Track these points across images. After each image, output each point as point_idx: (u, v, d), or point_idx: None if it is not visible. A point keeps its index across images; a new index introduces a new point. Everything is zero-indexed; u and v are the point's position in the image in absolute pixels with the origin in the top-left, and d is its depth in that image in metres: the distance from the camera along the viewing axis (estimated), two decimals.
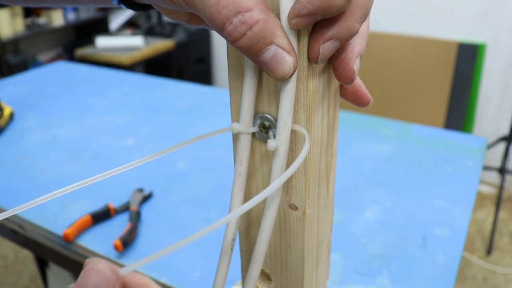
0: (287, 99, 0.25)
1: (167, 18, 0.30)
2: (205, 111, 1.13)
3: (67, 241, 0.67)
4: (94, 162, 0.90)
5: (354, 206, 0.73)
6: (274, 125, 0.27)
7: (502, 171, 1.85)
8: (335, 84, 0.30)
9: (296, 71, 0.24)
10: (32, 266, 1.73)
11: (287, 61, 0.23)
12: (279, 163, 0.27)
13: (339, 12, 0.22)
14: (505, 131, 2.10)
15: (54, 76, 1.41)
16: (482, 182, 2.25)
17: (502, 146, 2.08)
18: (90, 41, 2.72)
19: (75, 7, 2.73)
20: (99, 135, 1.01)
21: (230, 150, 0.38)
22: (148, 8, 0.31)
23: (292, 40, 0.24)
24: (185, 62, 2.81)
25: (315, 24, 0.24)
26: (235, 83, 0.28)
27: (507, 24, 2.00)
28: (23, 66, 2.50)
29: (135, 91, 1.28)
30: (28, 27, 2.57)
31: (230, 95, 0.28)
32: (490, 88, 2.12)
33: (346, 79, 0.26)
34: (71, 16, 2.75)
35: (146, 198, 0.77)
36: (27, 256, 1.79)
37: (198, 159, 0.89)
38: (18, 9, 2.53)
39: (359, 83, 0.31)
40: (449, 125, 2.09)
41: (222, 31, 0.23)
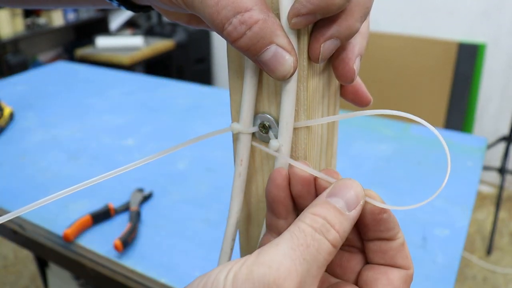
0: (288, 99, 0.25)
1: (167, 19, 0.30)
2: (205, 111, 1.13)
3: (67, 241, 0.67)
4: (94, 162, 0.90)
5: None
6: (274, 125, 0.27)
7: (502, 171, 1.85)
8: (335, 84, 0.30)
9: (296, 71, 0.24)
10: (32, 266, 1.73)
11: (287, 60, 0.23)
12: (281, 163, 0.27)
13: (338, 11, 0.22)
14: (505, 131, 2.10)
15: (54, 76, 1.41)
16: (482, 182, 2.25)
17: (502, 146, 2.08)
18: (90, 41, 2.71)
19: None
20: (99, 135, 1.01)
21: (230, 150, 0.38)
22: (148, 9, 0.31)
23: (292, 40, 0.23)
24: (185, 62, 2.81)
25: (315, 24, 0.24)
26: (235, 83, 0.28)
27: (507, 24, 2.00)
28: (23, 66, 2.50)
29: (135, 91, 1.28)
30: (28, 27, 2.57)
31: (230, 95, 0.28)
32: (490, 88, 2.12)
33: (346, 79, 0.26)
34: (71, 16, 2.75)
35: (146, 198, 0.77)
36: (27, 256, 1.79)
37: (198, 159, 0.89)
38: (18, 9, 2.53)
39: (359, 83, 0.31)
40: (449, 125, 2.09)
41: (221, 31, 0.23)
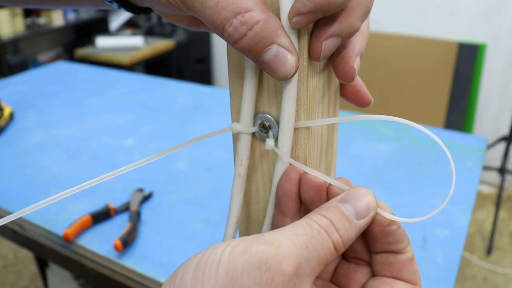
0: (289, 99, 0.25)
1: (167, 21, 0.30)
2: (205, 111, 1.13)
3: (67, 241, 0.67)
4: (94, 162, 0.90)
5: None
6: (274, 125, 0.27)
7: (502, 171, 1.85)
8: (335, 84, 0.30)
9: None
10: (32, 266, 1.73)
11: (289, 60, 0.23)
12: (283, 163, 0.27)
13: (339, 9, 0.22)
14: (505, 131, 2.10)
15: (54, 76, 1.41)
16: (482, 182, 2.25)
17: (502, 146, 2.08)
18: (90, 41, 2.71)
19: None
20: (99, 135, 1.01)
21: (230, 150, 0.38)
22: (148, 11, 0.31)
23: (293, 39, 0.23)
24: (185, 62, 2.81)
25: (316, 22, 0.24)
26: (235, 83, 0.28)
27: (507, 24, 2.00)
28: (23, 66, 2.50)
29: (135, 91, 1.28)
30: (28, 27, 2.57)
31: (230, 95, 0.28)
32: (490, 88, 2.12)
33: (346, 77, 0.26)
34: (71, 16, 2.75)
35: (146, 198, 0.77)
36: (27, 256, 1.79)
37: (198, 159, 0.89)
38: (18, 9, 2.52)
39: (359, 83, 0.31)
40: (449, 125, 2.09)
41: (222, 32, 0.23)
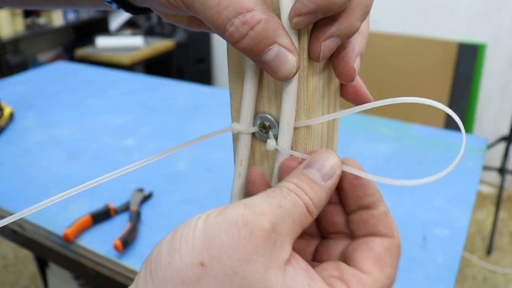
0: (289, 99, 0.25)
1: (167, 21, 0.30)
2: (205, 111, 1.13)
3: (67, 241, 0.67)
4: (94, 162, 0.90)
5: None
6: (274, 125, 0.27)
7: (502, 171, 1.85)
8: (335, 84, 0.30)
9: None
10: (32, 266, 1.73)
11: (290, 60, 0.23)
12: (282, 162, 0.27)
13: (339, 10, 0.23)
14: (505, 131, 2.10)
15: (54, 76, 1.41)
16: (482, 182, 2.25)
17: (502, 146, 2.08)
18: (90, 41, 2.71)
19: None
20: (99, 135, 1.01)
21: (230, 150, 0.38)
22: (147, 11, 0.31)
23: (293, 39, 0.24)
24: (185, 62, 2.81)
25: (316, 23, 0.24)
26: (235, 83, 0.28)
27: (507, 24, 2.00)
28: (23, 66, 2.50)
29: (135, 91, 1.28)
30: (28, 27, 2.57)
31: (230, 95, 0.28)
32: (490, 88, 2.12)
33: (346, 77, 0.26)
34: (71, 16, 2.75)
35: (146, 198, 0.77)
36: (27, 256, 1.79)
37: (197, 159, 0.89)
38: (18, 9, 2.52)
39: (359, 83, 0.31)
40: (449, 125, 2.09)
41: (223, 32, 0.23)
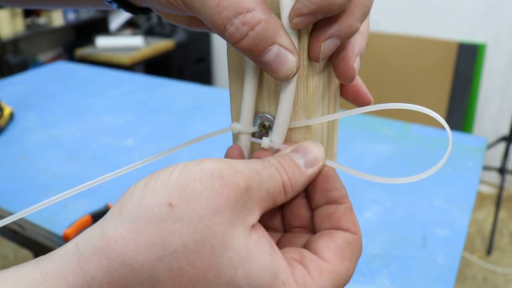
0: (287, 98, 0.25)
1: (167, 21, 0.30)
2: (205, 111, 1.13)
3: (67, 241, 0.67)
4: (94, 162, 0.90)
5: (354, 206, 0.73)
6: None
7: (502, 171, 1.85)
8: (335, 84, 0.30)
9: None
10: None
11: (290, 60, 0.23)
12: None
13: (339, 10, 0.23)
14: (505, 131, 2.10)
15: (54, 76, 1.41)
16: (482, 182, 2.25)
17: (502, 146, 2.08)
18: (90, 41, 2.71)
19: None
20: (99, 135, 1.01)
21: None
22: (148, 11, 0.31)
23: (293, 40, 0.24)
24: (185, 62, 2.81)
25: (315, 23, 0.24)
26: (235, 83, 0.28)
27: (507, 24, 2.00)
28: (23, 66, 2.50)
29: (135, 91, 1.28)
30: (28, 27, 2.57)
31: (230, 95, 0.28)
32: (490, 88, 2.12)
33: (346, 77, 0.26)
34: (71, 16, 2.75)
35: None
36: (27, 256, 1.79)
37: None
38: (18, 9, 2.52)
39: (359, 83, 0.31)
40: (449, 125, 2.05)
41: (223, 32, 0.23)
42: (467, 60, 2.01)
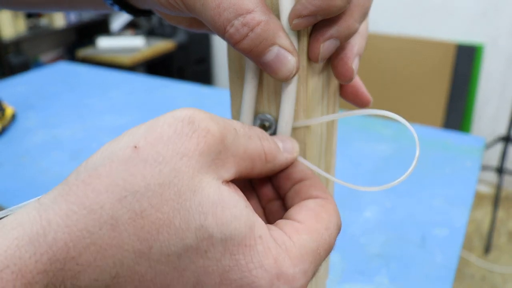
0: (289, 99, 0.25)
1: (168, 22, 0.31)
2: (205, 111, 1.14)
3: None
4: None
5: (354, 206, 0.74)
6: (274, 125, 0.27)
7: (500, 171, 1.86)
8: (334, 84, 0.31)
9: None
10: None
11: (290, 61, 0.23)
12: None
13: (339, 12, 0.23)
14: (503, 131, 2.10)
15: (56, 77, 1.42)
16: (480, 181, 2.25)
17: (500, 146, 2.09)
18: (91, 42, 2.72)
19: None
20: (100, 135, 1.02)
21: None
22: (149, 13, 0.31)
23: (293, 41, 0.24)
24: (185, 63, 2.81)
25: (315, 24, 0.24)
26: (236, 84, 0.28)
27: (506, 25, 2.00)
28: (25, 67, 2.50)
29: (136, 91, 1.28)
30: (30, 28, 2.57)
31: (231, 96, 0.29)
32: (488, 88, 2.13)
33: (345, 78, 0.27)
34: (73, 17, 2.75)
35: None
36: None
37: None
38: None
39: (359, 83, 0.32)
40: (447, 125, 2.09)
41: (223, 34, 0.23)
42: (466, 61, 2.01)
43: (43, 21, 2.61)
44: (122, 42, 2.58)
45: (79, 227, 0.17)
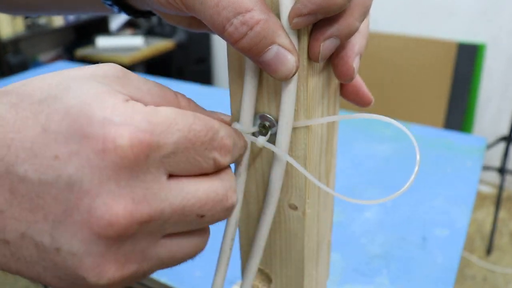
0: (289, 99, 0.25)
1: (168, 22, 0.30)
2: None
3: None
4: None
5: (354, 206, 0.74)
6: (274, 125, 0.27)
7: (502, 171, 1.85)
8: (334, 84, 0.30)
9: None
10: None
11: (289, 60, 0.23)
12: (280, 162, 0.27)
13: (339, 11, 0.23)
14: (504, 131, 2.10)
15: None
16: (481, 182, 2.25)
17: (501, 146, 2.08)
18: (90, 41, 2.72)
19: None
20: None
21: None
22: (149, 14, 0.31)
23: (293, 40, 0.24)
24: (185, 62, 2.81)
25: (315, 23, 0.24)
26: (235, 83, 0.28)
27: (507, 24, 2.00)
28: (24, 66, 2.50)
29: None
30: (28, 27, 2.57)
31: (230, 95, 0.28)
32: (490, 88, 2.12)
33: (345, 77, 0.27)
34: (72, 16, 2.75)
35: None
36: None
37: None
38: None
39: (359, 83, 0.31)
40: (448, 125, 2.09)
41: (222, 32, 0.23)
42: (467, 60, 2.01)
43: (42, 20, 2.61)
44: (121, 42, 2.57)
45: None
